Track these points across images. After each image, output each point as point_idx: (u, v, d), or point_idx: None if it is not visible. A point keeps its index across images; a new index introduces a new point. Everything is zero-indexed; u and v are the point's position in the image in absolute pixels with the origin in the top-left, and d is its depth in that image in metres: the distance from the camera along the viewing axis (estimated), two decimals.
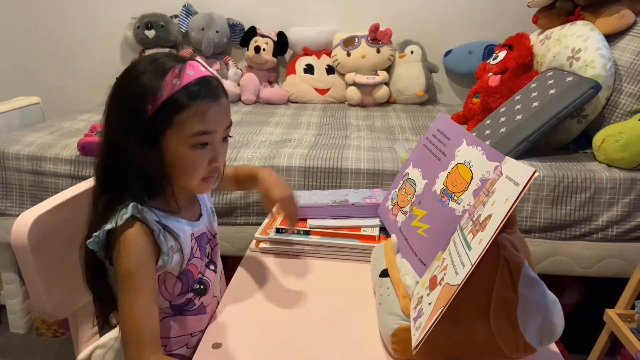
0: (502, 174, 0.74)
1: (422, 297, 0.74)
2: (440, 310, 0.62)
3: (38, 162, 1.71)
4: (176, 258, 0.80)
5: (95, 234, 0.75)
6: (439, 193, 0.95)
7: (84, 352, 0.98)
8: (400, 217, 1.04)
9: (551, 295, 0.65)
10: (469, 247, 0.66)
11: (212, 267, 0.92)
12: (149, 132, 0.74)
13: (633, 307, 1.42)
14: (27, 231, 0.83)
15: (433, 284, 0.72)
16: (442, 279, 0.69)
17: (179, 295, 0.84)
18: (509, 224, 0.71)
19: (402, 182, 1.10)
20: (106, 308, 0.85)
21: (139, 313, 0.73)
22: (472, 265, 0.61)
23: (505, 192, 0.66)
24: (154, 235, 0.76)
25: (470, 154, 0.90)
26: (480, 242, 0.63)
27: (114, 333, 1.01)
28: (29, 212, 0.86)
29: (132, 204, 0.75)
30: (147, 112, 0.73)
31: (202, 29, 2.62)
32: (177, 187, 0.82)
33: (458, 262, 0.67)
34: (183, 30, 2.71)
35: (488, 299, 0.65)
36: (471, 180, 0.89)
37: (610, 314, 1.43)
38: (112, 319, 0.87)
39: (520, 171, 0.66)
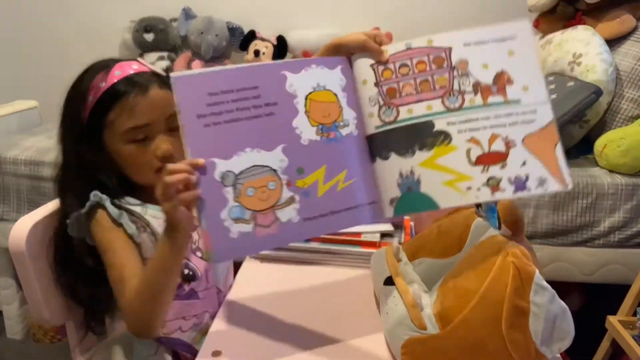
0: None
1: None
2: None
3: (36, 166, 1.70)
4: (144, 237, 0.83)
5: (67, 221, 0.80)
6: (317, 136, 0.75)
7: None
8: (289, 212, 0.72)
9: (561, 303, 0.65)
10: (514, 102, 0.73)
11: (198, 253, 0.90)
12: (90, 136, 0.79)
13: (635, 314, 1.41)
14: (25, 237, 0.82)
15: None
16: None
17: None
18: (517, 230, 0.70)
19: (237, 186, 0.69)
20: (95, 313, 0.89)
21: (119, 264, 0.78)
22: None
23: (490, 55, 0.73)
24: (114, 218, 0.80)
25: (313, 77, 0.76)
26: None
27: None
28: (27, 217, 0.86)
29: (93, 192, 0.79)
30: (82, 119, 0.78)
31: (201, 33, 2.62)
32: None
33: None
34: (182, 34, 2.70)
35: (500, 307, 0.64)
36: (337, 99, 0.77)
37: (612, 320, 1.43)
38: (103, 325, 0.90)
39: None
